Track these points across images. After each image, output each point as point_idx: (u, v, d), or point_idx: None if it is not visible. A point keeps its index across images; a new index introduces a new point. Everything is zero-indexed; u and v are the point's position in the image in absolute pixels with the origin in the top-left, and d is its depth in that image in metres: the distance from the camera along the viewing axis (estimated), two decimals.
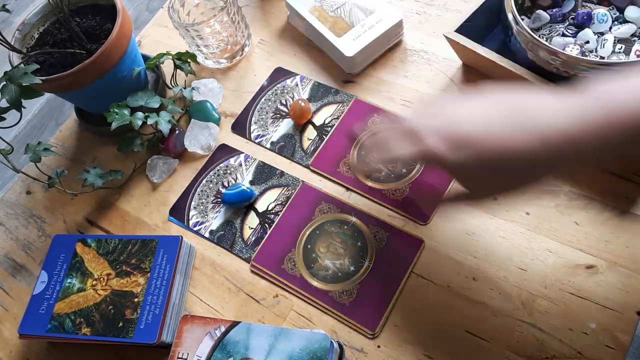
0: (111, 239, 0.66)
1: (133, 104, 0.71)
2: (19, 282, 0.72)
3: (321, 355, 0.52)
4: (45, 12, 0.76)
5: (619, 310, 0.54)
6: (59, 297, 0.63)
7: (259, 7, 0.87)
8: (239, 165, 0.73)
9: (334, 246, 0.64)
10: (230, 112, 0.78)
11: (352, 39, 0.73)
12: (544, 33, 0.66)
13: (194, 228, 0.69)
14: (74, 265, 0.65)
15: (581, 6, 0.66)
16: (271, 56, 0.82)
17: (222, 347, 0.54)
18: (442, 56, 0.74)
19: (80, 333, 0.60)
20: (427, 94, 0.71)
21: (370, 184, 0.67)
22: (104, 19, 0.74)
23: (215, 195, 0.71)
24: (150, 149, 0.77)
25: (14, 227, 0.77)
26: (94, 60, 0.67)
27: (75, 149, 0.82)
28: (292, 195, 0.68)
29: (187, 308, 0.64)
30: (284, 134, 0.74)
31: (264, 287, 0.63)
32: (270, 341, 0.53)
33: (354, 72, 0.76)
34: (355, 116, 0.72)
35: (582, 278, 0.56)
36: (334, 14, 0.76)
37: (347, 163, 0.69)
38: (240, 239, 0.67)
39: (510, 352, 0.54)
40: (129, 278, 0.63)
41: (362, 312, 0.59)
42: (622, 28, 0.63)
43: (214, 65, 0.83)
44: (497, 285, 0.58)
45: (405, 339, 0.57)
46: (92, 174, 0.71)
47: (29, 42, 0.75)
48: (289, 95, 0.77)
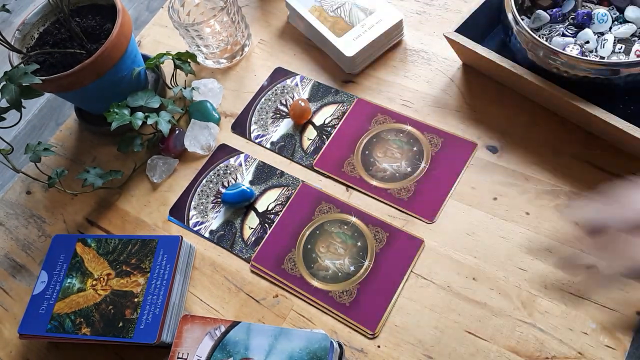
0: (111, 239, 0.66)
1: (133, 104, 0.71)
2: (19, 282, 0.72)
3: (321, 355, 0.52)
4: (45, 12, 0.76)
5: (619, 310, 0.54)
6: (59, 297, 0.63)
7: (259, 7, 0.87)
8: (239, 165, 0.73)
9: (334, 246, 0.64)
10: (230, 112, 0.78)
11: (352, 39, 0.73)
12: (544, 33, 0.66)
13: (194, 228, 0.69)
14: (74, 265, 0.65)
15: (581, 6, 0.66)
16: (271, 56, 0.82)
17: (222, 347, 0.54)
18: (442, 56, 0.74)
19: (80, 333, 0.60)
20: (427, 94, 0.72)
21: (375, 183, 0.67)
22: (104, 19, 0.74)
23: (215, 195, 0.71)
24: (150, 149, 0.77)
25: (14, 227, 0.77)
26: (94, 60, 0.67)
27: (75, 149, 0.82)
28: (292, 195, 0.68)
29: (187, 308, 0.64)
30: (284, 134, 0.74)
31: (264, 287, 0.63)
32: (270, 341, 0.53)
33: (354, 72, 0.76)
34: (359, 116, 0.72)
35: (582, 278, 0.56)
36: (334, 14, 0.76)
37: (351, 163, 0.69)
38: (240, 239, 0.67)
39: (510, 352, 0.54)
40: (129, 278, 0.63)
41: (362, 312, 0.59)
42: (622, 28, 0.63)
43: (214, 65, 0.82)
44: (497, 285, 0.58)
45: (405, 339, 0.57)
46: (92, 174, 0.71)
47: (29, 42, 0.75)
48: (289, 95, 0.77)
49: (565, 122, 0.65)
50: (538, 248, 0.58)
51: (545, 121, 0.66)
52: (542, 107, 0.67)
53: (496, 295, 0.57)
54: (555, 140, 0.64)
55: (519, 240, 0.59)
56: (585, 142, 0.63)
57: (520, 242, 0.59)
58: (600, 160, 0.62)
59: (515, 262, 0.58)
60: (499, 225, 0.61)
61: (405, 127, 0.70)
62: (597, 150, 0.63)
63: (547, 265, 0.57)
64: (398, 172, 0.67)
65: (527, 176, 0.63)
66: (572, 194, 0.61)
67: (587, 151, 0.63)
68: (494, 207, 0.62)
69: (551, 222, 0.60)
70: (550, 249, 0.58)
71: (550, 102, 0.64)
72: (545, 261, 0.58)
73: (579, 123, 0.64)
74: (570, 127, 0.65)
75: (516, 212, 0.61)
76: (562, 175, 0.62)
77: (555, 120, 0.66)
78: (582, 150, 0.63)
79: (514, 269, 0.58)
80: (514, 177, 0.63)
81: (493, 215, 0.61)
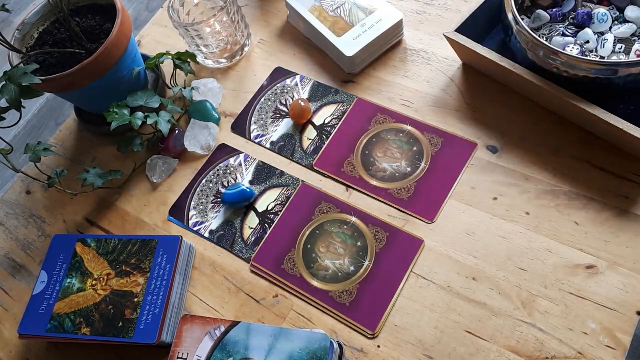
0: (111, 239, 0.66)
1: (133, 104, 0.71)
2: (19, 282, 0.72)
3: (321, 355, 0.52)
4: (45, 12, 0.76)
5: (619, 310, 0.54)
6: (59, 297, 0.63)
7: (259, 7, 0.87)
8: (239, 165, 0.73)
9: (334, 246, 0.64)
10: (230, 112, 0.78)
11: (352, 39, 0.73)
12: (544, 33, 0.66)
13: (194, 228, 0.69)
14: (74, 265, 0.65)
15: (581, 6, 0.66)
16: (271, 56, 0.82)
17: (222, 347, 0.54)
18: (442, 56, 0.74)
19: (80, 333, 0.60)
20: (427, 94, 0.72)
21: (375, 184, 0.67)
22: (103, 19, 0.74)
23: (215, 195, 0.71)
24: (150, 149, 0.77)
25: (14, 227, 0.77)
26: (94, 60, 0.67)
27: (75, 149, 0.82)
28: (292, 195, 0.68)
29: (187, 308, 0.64)
30: (284, 134, 0.74)
31: (264, 287, 0.63)
32: (270, 341, 0.53)
33: (354, 72, 0.76)
34: (359, 116, 0.72)
35: (582, 278, 0.56)
36: (334, 13, 0.76)
37: (351, 163, 0.69)
38: (240, 239, 0.67)
39: (510, 352, 0.54)
40: (129, 278, 0.63)
41: (362, 312, 0.59)
42: (622, 28, 0.63)
43: (214, 65, 0.82)
44: (497, 285, 0.58)
45: (405, 339, 0.57)
46: (92, 174, 0.71)
47: (29, 42, 0.75)
48: (289, 95, 0.77)
49: (565, 122, 0.65)
50: (538, 248, 0.58)
51: (545, 121, 0.66)
52: (542, 107, 0.67)
53: (496, 295, 0.57)
54: (555, 140, 0.64)
55: (519, 240, 0.59)
56: (585, 142, 0.63)
57: (520, 242, 0.59)
58: (600, 160, 0.62)
59: (515, 262, 0.58)
60: (499, 226, 0.61)
61: (405, 127, 0.70)
62: (597, 150, 0.63)
63: (547, 265, 0.57)
64: (398, 172, 0.67)
65: (527, 176, 0.63)
66: (572, 194, 0.61)
67: (587, 151, 0.63)
68: (494, 207, 0.62)
69: (551, 222, 0.60)
70: (550, 249, 0.58)
71: (550, 102, 0.64)
72: (546, 261, 0.58)
73: (579, 123, 0.64)
74: (570, 127, 0.65)
75: (516, 212, 0.61)
76: (562, 175, 0.62)
77: (555, 120, 0.66)
78: (582, 150, 0.63)
79: (514, 269, 0.58)
80: (514, 177, 0.63)
81: (493, 216, 0.62)
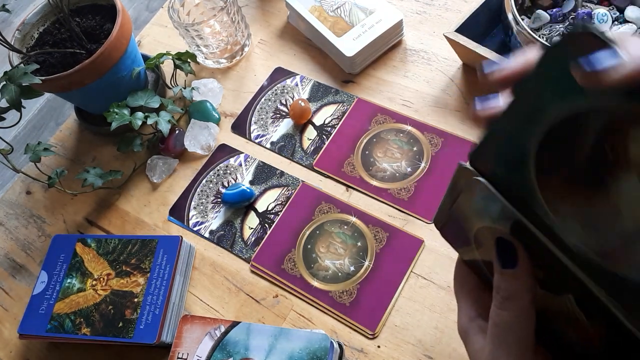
0: (111, 239, 0.66)
1: (133, 104, 0.71)
2: (19, 282, 0.72)
3: (321, 355, 0.52)
4: (45, 12, 0.75)
5: None
6: (58, 297, 0.63)
7: (259, 7, 0.87)
8: (239, 165, 0.73)
9: (334, 246, 0.64)
10: (230, 112, 0.78)
11: (352, 39, 0.73)
12: (544, 33, 0.66)
13: (194, 228, 0.69)
14: (74, 265, 0.65)
15: (581, 6, 0.66)
16: (271, 56, 0.82)
17: (222, 347, 0.54)
18: (442, 56, 0.74)
19: (80, 333, 0.60)
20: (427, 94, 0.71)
21: (375, 184, 0.67)
22: (104, 19, 0.74)
23: (215, 195, 0.71)
24: (150, 149, 0.77)
25: (14, 227, 0.77)
26: (94, 60, 0.67)
27: (75, 149, 0.82)
28: (292, 195, 0.68)
29: (187, 308, 0.64)
30: (284, 134, 0.74)
31: (264, 287, 0.63)
32: (270, 341, 0.53)
33: (354, 72, 0.76)
34: (359, 116, 0.72)
35: None
36: (334, 13, 0.76)
37: (351, 163, 0.69)
38: (240, 239, 0.67)
39: None
40: (129, 278, 0.63)
41: (362, 312, 0.59)
42: (622, 28, 0.63)
43: (214, 65, 0.82)
44: None
45: (405, 339, 0.57)
46: (92, 174, 0.71)
47: (29, 42, 0.75)
48: (289, 95, 0.76)
49: None
50: None
51: None
52: None
53: None
54: None
55: None
56: None
57: None
58: None
59: None
60: None
61: (405, 127, 0.70)
62: None
63: None
64: (398, 172, 0.67)
65: None
66: None
67: None
68: None
69: None
70: None
71: None
72: None
73: None
74: None
75: None
76: None
77: None
78: None
79: None
80: None
81: None
